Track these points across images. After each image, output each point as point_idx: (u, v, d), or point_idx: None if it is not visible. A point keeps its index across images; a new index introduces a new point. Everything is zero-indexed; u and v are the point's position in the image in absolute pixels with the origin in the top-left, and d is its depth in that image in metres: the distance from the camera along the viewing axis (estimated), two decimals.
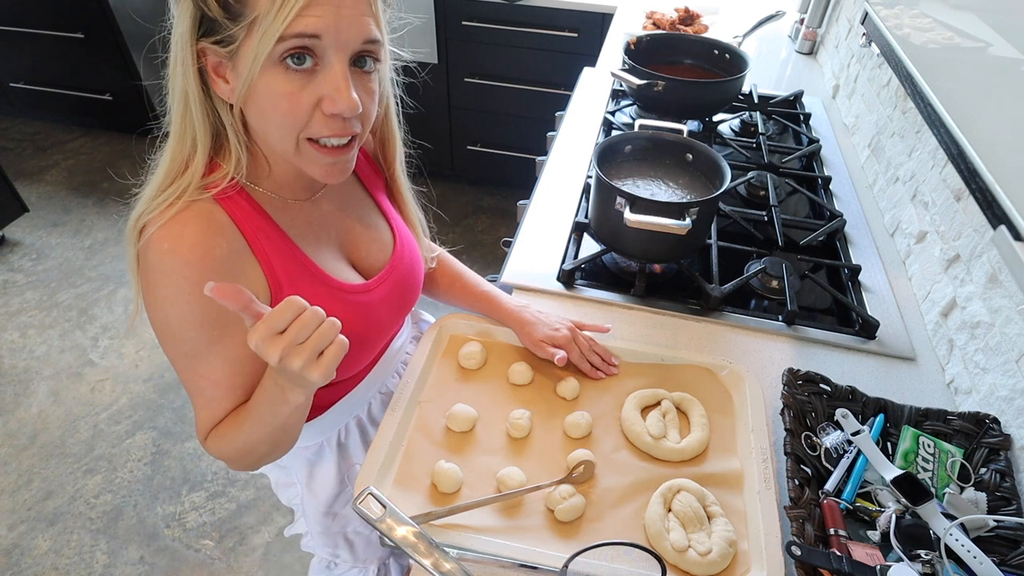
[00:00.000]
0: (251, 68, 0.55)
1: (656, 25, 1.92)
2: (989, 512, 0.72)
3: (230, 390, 0.66)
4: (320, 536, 0.98)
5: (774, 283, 1.07)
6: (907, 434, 0.79)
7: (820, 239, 1.16)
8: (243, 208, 0.64)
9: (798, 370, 0.84)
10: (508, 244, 1.16)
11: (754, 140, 1.46)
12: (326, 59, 0.57)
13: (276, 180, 0.68)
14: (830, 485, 0.74)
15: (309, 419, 0.80)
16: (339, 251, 0.76)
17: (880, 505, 0.72)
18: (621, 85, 1.62)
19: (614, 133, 1.39)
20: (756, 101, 1.58)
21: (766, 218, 1.21)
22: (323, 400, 0.84)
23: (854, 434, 0.77)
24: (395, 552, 1.08)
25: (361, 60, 0.60)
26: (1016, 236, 0.66)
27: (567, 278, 1.05)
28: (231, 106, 0.61)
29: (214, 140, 0.63)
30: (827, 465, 0.76)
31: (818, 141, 1.44)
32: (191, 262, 0.59)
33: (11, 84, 3.06)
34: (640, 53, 1.46)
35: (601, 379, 0.88)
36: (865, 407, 0.83)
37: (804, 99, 1.62)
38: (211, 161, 0.63)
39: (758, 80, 1.70)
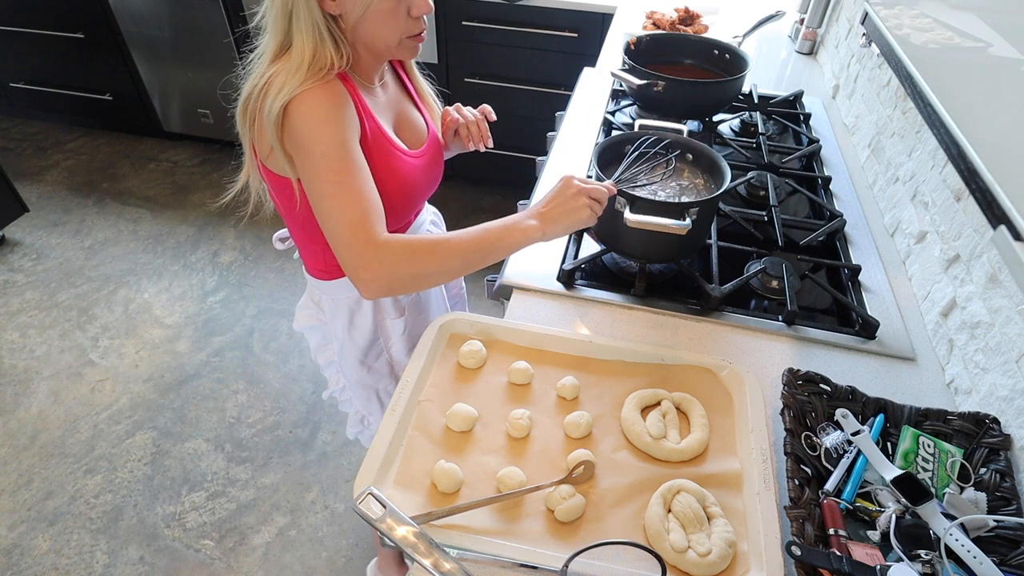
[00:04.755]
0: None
1: (656, 25, 1.92)
2: (989, 512, 0.72)
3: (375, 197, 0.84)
4: (356, 387, 1.17)
5: (774, 283, 1.07)
6: (907, 434, 0.79)
7: (820, 239, 1.16)
8: (351, 85, 0.87)
9: (798, 370, 0.84)
10: None
11: (754, 140, 1.46)
12: None
13: (360, 69, 0.91)
14: (830, 485, 0.74)
15: None
16: (392, 128, 0.97)
17: (880, 505, 0.72)
18: (621, 85, 1.62)
19: (614, 133, 1.39)
20: (756, 101, 1.58)
21: (766, 218, 1.21)
22: None
23: (854, 434, 0.77)
24: None
25: None
26: (1016, 236, 0.66)
27: (567, 278, 1.05)
28: (335, 19, 0.82)
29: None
30: (827, 465, 0.76)
31: (818, 141, 1.44)
32: (330, 99, 0.81)
33: (11, 84, 3.06)
34: (640, 53, 1.46)
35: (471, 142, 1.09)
36: (865, 407, 0.83)
37: (804, 99, 1.62)
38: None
39: (758, 80, 1.70)
